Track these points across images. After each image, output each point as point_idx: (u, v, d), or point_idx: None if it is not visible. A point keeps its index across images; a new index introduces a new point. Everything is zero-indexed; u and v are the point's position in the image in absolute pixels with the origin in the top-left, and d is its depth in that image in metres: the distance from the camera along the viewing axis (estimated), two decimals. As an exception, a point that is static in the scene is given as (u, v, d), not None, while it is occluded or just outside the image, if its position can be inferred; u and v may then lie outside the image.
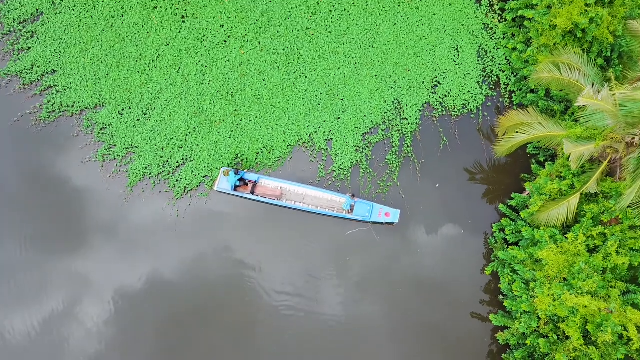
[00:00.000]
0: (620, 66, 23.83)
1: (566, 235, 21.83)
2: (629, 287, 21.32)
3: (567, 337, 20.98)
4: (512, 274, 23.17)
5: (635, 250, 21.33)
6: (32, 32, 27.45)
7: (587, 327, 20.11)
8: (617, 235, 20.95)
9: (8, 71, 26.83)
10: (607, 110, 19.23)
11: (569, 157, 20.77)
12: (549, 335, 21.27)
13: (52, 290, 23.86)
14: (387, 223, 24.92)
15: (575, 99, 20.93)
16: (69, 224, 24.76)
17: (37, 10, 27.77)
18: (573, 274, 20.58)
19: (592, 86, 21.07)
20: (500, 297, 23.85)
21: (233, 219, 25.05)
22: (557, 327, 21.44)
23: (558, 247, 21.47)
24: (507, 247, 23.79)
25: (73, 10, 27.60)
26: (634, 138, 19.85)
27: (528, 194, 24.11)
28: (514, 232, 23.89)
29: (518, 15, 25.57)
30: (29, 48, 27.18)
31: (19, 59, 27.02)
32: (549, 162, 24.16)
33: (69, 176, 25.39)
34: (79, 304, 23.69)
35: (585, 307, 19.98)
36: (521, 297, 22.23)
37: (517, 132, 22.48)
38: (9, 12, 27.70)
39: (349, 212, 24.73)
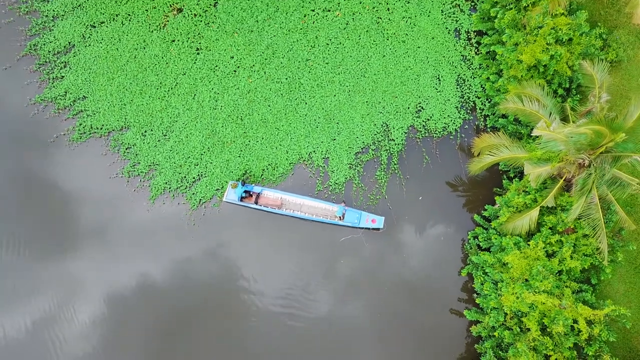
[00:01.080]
0: (578, 96, 27.18)
1: (529, 242, 25.21)
2: (582, 287, 24.70)
3: (528, 329, 24.30)
4: (483, 276, 26.53)
5: (587, 255, 24.70)
6: (65, 62, 30.83)
7: (544, 321, 23.49)
8: (570, 242, 24.30)
9: (44, 97, 30.20)
10: (559, 138, 22.56)
11: (530, 176, 24.14)
12: (513, 327, 24.64)
13: (89, 285, 27.26)
14: (373, 229, 28.28)
15: (536, 125, 24.35)
16: (101, 232, 28.10)
17: (69, 43, 31.14)
18: (532, 275, 23.93)
19: (550, 115, 24.49)
20: (475, 295, 27.19)
21: (240, 226, 28.38)
22: (520, 320, 24.77)
23: (521, 252, 24.80)
24: (480, 252, 27.08)
25: (101, 43, 30.99)
26: (583, 161, 23.22)
27: (498, 206, 27.44)
28: (486, 239, 27.22)
29: (491, 49, 28.94)
30: (63, 77, 30.56)
31: (53, 87, 30.41)
32: (516, 179, 27.50)
33: (99, 191, 28.73)
34: (110, 298, 27.10)
35: (543, 303, 23.33)
36: (490, 295, 25.60)
37: (488, 154, 25.81)
38: (44, 45, 31.08)
39: (340, 219, 28.10)
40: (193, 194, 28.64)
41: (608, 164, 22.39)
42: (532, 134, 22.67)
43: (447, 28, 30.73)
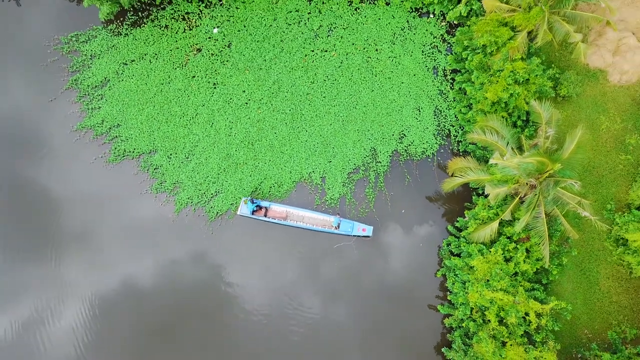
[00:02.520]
0: (534, 126, 32.00)
1: (490, 249, 30.05)
2: (534, 286, 29.55)
3: (489, 321, 29.09)
4: (454, 277, 31.37)
5: (538, 259, 29.54)
6: (102, 95, 35.60)
7: (501, 314, 28.30)
8: (523, 249, 29.17)
9: (84, 125, 34.95)
10: (511, 166, 27.42)
11: (489, 195, 29.02)
12: (477, 319, 29.42)
13: (122, 283, 32.07)
14: (364, 236, 33.10)
15: (493, 155, 29.25)
16: (135, 239, 32.90)
17: (105, 78, 35.90)
18: (492, 276, 28.75)
19: (507, 145, 29.36)
20: (447, 293, 32.03)
21: (250, 235, 33.16)
22: (482, 314, 29.57)
23: (484, 257, 29.61)
24: (452, 257, 31.91)
25: (132, 78, 35.76)
26: (533, 183, 28.09)
27: (467, 219, 32.24)
28: (457, 246, 31.98)
29: (462, 86, 33.79)
30: (99, 107, 35.31)
31: (92, 116, 35.16)
32: (482, 196, 32.29)
33: (133, 205, 33.50)
34: (143, 296, 31.90)
35: (501, 299, 28.16)
36: (459, 293, 30.42)
37: (459, 175, 30.64)
38: (84, 80, 35.83)
39: (336, 229, 32.91)
40: (211, 207, 33.41)
41: (551, 186, 27.29)
42: (490, 162, 27.54)
43: (426, 66, 35.58)
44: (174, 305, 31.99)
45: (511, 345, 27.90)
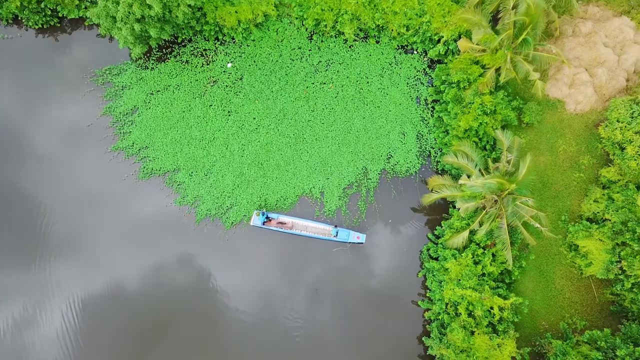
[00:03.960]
0: (499, 150, 37.10)
1: (462, 254, 35.14)
2: (498, 285, 34.62)
3: (460, 314, 34.15)
4: (432, 277, 36.46)
5: (502, 262, 34.61)
6: (132, 121, 40.64)
7: (469, 308, 33.36)
8: (489, 254, 34.25)
9: (117, 147, 39.96)
10: (478, 185, 32.53)
11: (460, 208, 34.13)
12: (450, 313, 34.52)
13: (148, 287, 37.14)
14: (358, 243, 38.15)
15: (470, 174, 34.38)
16: (159, 249, 37.94)
17: (135, 106, 40.88)
18: (463, 276, 33.83)
19: (476, 166, 34.48)
20: (427, 290, 37.10)
21: (261, 242, 38.17)
22: (455, 308, 34.61)
23: (456, 261, 34.67)
24: (431, 260, 36.96)
25: (158, 107, 40.77)
26: (496, 198, 33.19)
27: (444, 228, 37.32)
28: (435, 251, 37.05)
29: (440, 115, 38.89)
30: (130, 132, 40.33)
31: (124, 139, 40.19)
32: (457, 209, 37.33)
33: (160, 216, 38.46)
34: (164, 298, 36.97)
35: (470, 296, 33.23)
36: (436, 290, 35.44)
37: (436, 191, 35.72)
38: (116, 107, 40.86)
39: (334, 236, 37.95)
40: (227, 218, 38.43)
41: (510, 202, 32.43)
42: (459, 182, 32.69)
43: (410, 96, 40.63)
44: (196, 303, 37.07)
45: (478, 334, 32.84)
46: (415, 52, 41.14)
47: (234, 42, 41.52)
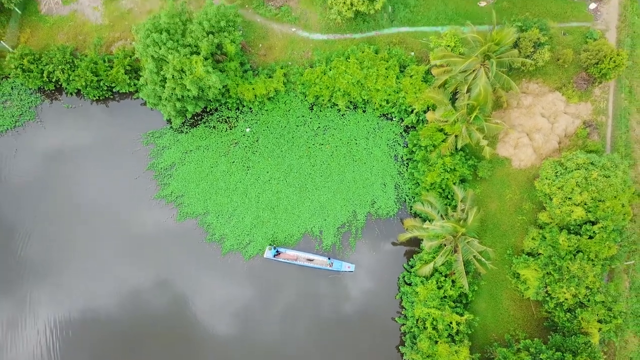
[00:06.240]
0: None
1: (429, 281, 43.89)
2: (456, 305, 43.30)
3: (426, 328, 42.74)
4: (406, 298, 45.12)
5: (460, 287, 43.32)
6: (170, 174, 49.64)
7: (434, 323, 42.03)
8: (449, 280, 43.02)
9: (159, 195, 48.86)
10: (438, 228, 41.49)
11: (425, 245, 43.06)
12: (419, 327, 43.14)
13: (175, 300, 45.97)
14: (349, 271, 46.99)
15: (432, 219, 43.44)
16: (193, 277, 46.78)
17: (173, 163, 49.90)
18: (428, 298, 42.55)
19: (438, 213, 43.54)
20: (402, 309, 45.81)
21: (272, 270, 46.92)
22: (424, 323, 43.13)
23: (424, 286, 43.36)
24: (406, 285, 45.71)
25: (191, 163, 49.82)
26: (452, 238, 42.12)
27: (415, 260, 46.12)
28: (409, 278, 45.77)
29: (412, 171, 48.03)
30: (169, 183, 49.41)
31: (164, 189, 49.26)
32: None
33: (195, 252, 47.18)
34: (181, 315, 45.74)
35: (434, 313, 41.91)
36: (409, 309, 44.16)
37: (409, 230, 44.57)
38: (158, 164, 49.82)
39: (330, 266, 46.80)
40: (246, 251, 47.15)
41: (464, 241, 41.40)
42: (424, 226, 41.68)
43: (390, 155, 49.66)
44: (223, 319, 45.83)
45: (440, 343, 41.21)
46: (393, 120, 50.42)
47: (251, 112, 50.85)
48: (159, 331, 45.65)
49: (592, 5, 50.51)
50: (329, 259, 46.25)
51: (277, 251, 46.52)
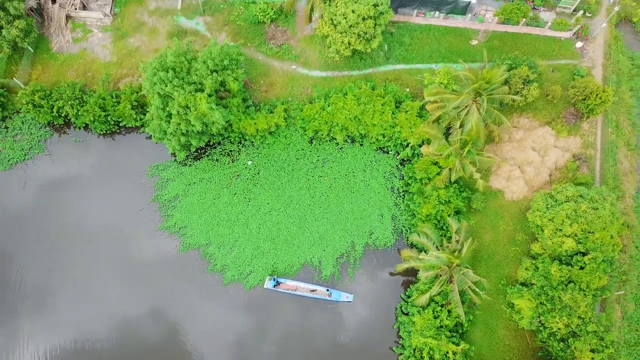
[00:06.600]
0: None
1: (425, 310, 44.78)
2: (452, 334, 44.10)
3: (424, 357, 43.44)
4: (404, 328, 45.96)
5: (456, 317, 44.18)
6: (174, 206, 50.90)
7: (430, 352, 42.78)
8: (446, 310, 43.94)
9: (163, 226, 50.03)
10: (433, 258, 42.65)
11: (422, 276, 44.10)
12: (417, 356, 43.84)
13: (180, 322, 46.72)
14: (347, 301, 47.87)
15: (427, 250, 44.63)
16: (195, 307, 47.64)
17: (176, 194, 51.16)
18: (426, 328, 43.39)
19: (434, 244, 44.74)
20: (400, 338, 46.53)
21: (272, 299, 47.85)
22: (421, 352, 43.84)
23: (421, 316, 44.27)
24: (403, 315, 46.53)
25: (194, 195, 51.16)
26: (447, 268, 43.21)
27: (412, 290, 47.08)
28: (406, 308, 46.68)
29: (408, 203, 49.40)
30: (173, 214, 50.67)
31: (167, 220, 50.55)
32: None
33: (197, 282, 48.07)
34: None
35: (431, 343, 42.69)
36: (407, 339, 44.92)
37: (406, 261, 45.72)
38: (162, 196, 51.02)
39: (329, 296, 47.69)
40: (247, 282, 48.04)
41: (459, 271, 42.49)
42: (420, 257, 42.85)
43: (387, 187, 51.17)
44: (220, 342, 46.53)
45: (437, 372, 42.16)
46: (390, 153, 52.05)
47: (253, 145, 52.44)
48: (160, 361, 46.15)
49: (579, 44, 52.64)
50: (328, 289, 47.22)
51: (276, 281, 47.50)
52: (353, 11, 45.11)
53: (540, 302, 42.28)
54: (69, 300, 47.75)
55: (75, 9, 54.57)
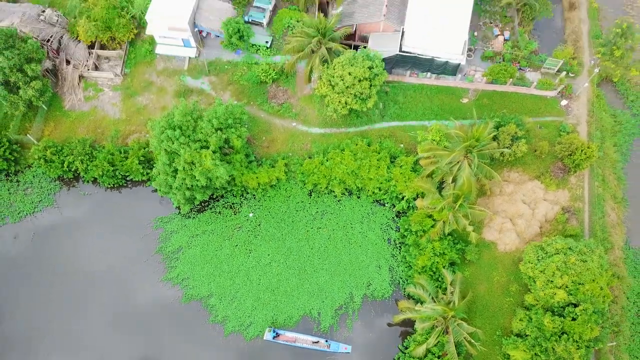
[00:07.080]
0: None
1: (423, 362, 45.26)
2: (450, 385, 44.46)
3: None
4: (402, 379, 46.34)
5: (452, 367, 44.64)
6: (177, 258, 52.21)
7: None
8: (442, 362, 44.49)
9: (166, 277, 51.06)
10: (428, 310, 43.64)
11: (418, 327, 44.96)
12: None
13: None
14: (345, 352, 48.44)
15: (424, 301, 45.68)
16: (197, 355, 48.17)
17: (180, 246, 52.64)
18: (423, 379, 43.78)
19: (429, 295, 45.83)
20: (399, 390, 46.76)
21: (272, 351, 48.50)
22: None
23: (419, 367, 44.84)
24: (401, 366, 47.00)
25: (197, 247, 52.58)
26: (442, 319, 44.13)
27: (409, 341, 47.71)
28: (404, 359, 47.28)
29: (404, 255, 50.81)
30: (176, 266, 51.90)
31: (171, 271, 51.70)
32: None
33: (198, 333, 48.69)
34: None
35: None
36: (405, 390, 45.36)
37: (403, 312, 46.67)
38: (166, 247, 52.54)
39: (328, 347, 48.28)
40: (247, 333, 48.65)
41: (454, 322, 43.44)
42: (415, 308, 43.86)
43: (383, 238, 52.67)
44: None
45: None
46: (386, 206, 53.87)
47: (254, 198, 54.29)
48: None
49: (564, 102, 55.53)
50: (327, 340, 47.88)
51: (276, 333, 48.22)
52: (350, 73, 47.99)
53: (535, 354, 42.95)
54: (72, 350, 48.28)
55: (88, 69, 57.59)
